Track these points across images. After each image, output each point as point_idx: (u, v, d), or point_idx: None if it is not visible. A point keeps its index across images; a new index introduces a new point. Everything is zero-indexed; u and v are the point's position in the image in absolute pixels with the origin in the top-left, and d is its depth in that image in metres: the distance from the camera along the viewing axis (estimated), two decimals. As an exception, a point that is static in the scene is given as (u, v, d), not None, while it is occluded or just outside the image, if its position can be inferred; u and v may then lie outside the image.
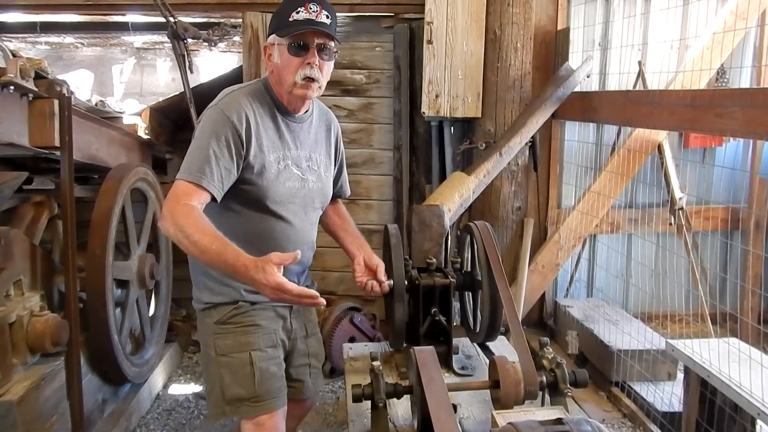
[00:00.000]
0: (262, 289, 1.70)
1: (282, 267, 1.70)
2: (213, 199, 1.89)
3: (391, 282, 2.18)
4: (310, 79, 1.96)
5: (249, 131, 1.95)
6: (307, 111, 2.14)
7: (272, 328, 2.11)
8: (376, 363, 1.83)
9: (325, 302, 1.77)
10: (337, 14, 2.05)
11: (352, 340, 3.94)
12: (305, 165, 2.11)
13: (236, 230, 1.95)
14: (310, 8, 1.92)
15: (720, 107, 2.46)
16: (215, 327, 2.07)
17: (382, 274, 2.19)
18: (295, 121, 2.10)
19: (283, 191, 2.04)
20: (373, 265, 2.21)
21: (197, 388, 3.94)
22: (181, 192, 1.85)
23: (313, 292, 1.72)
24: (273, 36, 2.01)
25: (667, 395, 3.32)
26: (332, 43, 1.99)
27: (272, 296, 1.71)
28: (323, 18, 1.94)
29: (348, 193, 2.46)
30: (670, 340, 3.11)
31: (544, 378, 1.83)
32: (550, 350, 1.92)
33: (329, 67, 2.03)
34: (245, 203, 2.02)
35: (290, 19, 1.93)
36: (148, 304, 3.82)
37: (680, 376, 3.34)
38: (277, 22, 2.00)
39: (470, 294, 2.51)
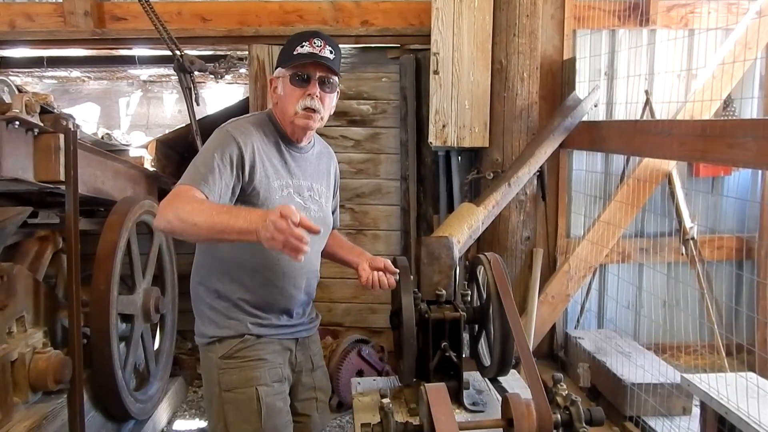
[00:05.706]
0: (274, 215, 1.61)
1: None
2: None
3: (397, 275, 2.14)
4: (311, 110, 2.01)
5: (253, 155, 1.97)
6: (309, 142, 2.18)
7: (278, 362, 2.10)
8: (385, 401, 1.77)
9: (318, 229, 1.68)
10: (344, 46, 2.07)
11: (360, 373, 3.87)
12: (307, 194, 2.13)
13: (242, 258, 2.00)
14: (315, 43, 2.00)
15: (732, 138, 2.42)
16: (220, 362, 2.05)
17: (391, 267, 2.16)
18: (298, 151, 2.14)
19: None
20: (379, 264, 2.17)
21: (202, 423, 3.87)
22: (179, 191, 1.82)
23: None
24: (279, 69, 2.09)
25: (683, 431, 3.23)
26: (335, 77, 2.05)
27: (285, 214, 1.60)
28: (326, 53, 2.01)
29: (338, 225, 2.42)
30: (685, 375, 3.03)
31: (559, 416, 1.77)
32: (564, 386, 1.86)
33: (331, 99, 2.09)
34: None
35: (294, 53, 2.01)
36: (153, 338, 3.77)
37: (695, 410, 3.26)
38: (283, 56, 2.08)
39: (480, 327, 2.45)
